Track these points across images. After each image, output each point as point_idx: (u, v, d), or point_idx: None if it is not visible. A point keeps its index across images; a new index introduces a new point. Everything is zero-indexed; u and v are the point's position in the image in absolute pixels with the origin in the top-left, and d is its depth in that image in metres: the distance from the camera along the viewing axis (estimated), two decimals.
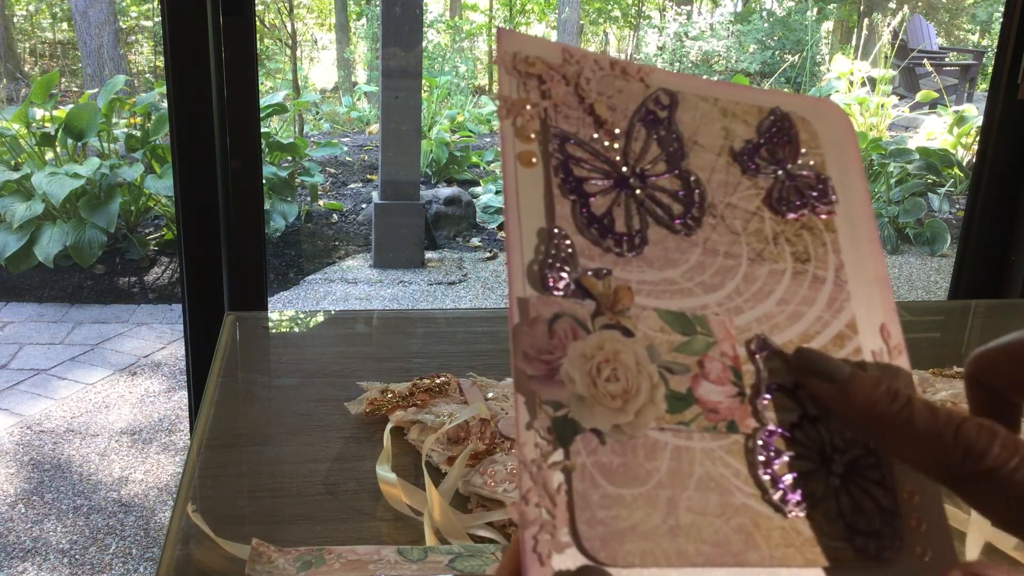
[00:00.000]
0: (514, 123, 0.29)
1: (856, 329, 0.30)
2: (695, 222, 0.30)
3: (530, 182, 0.29)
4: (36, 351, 3.32)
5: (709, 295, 0.29)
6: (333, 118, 7.39)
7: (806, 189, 0.32)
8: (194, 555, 0.62)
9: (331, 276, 4.24)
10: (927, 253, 4.63)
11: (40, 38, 9.65)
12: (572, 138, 0.30)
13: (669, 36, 10.93)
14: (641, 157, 0.30)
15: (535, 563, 0.24)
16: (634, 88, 0.31)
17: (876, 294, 0.31)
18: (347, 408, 0.81)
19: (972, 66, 8.50)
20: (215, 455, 0.74)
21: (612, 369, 0.27)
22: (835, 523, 0.27)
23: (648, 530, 0.26)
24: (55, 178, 3.75)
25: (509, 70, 0.30)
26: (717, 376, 0.28)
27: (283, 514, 0.67)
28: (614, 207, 0.29)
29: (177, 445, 2.68)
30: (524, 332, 0.26)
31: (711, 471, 0.27)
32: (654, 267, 0.29)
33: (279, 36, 8.49)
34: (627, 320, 0.28)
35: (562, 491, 0.25)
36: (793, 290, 0.30)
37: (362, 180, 5.56)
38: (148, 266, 4.05)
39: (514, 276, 0.27)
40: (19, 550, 2.15)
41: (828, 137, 0.33)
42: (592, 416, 0.26)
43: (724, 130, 0.32)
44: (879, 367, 0.30)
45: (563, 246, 0.28)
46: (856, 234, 0.32)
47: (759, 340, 0.29)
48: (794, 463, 0.28)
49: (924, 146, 5.27)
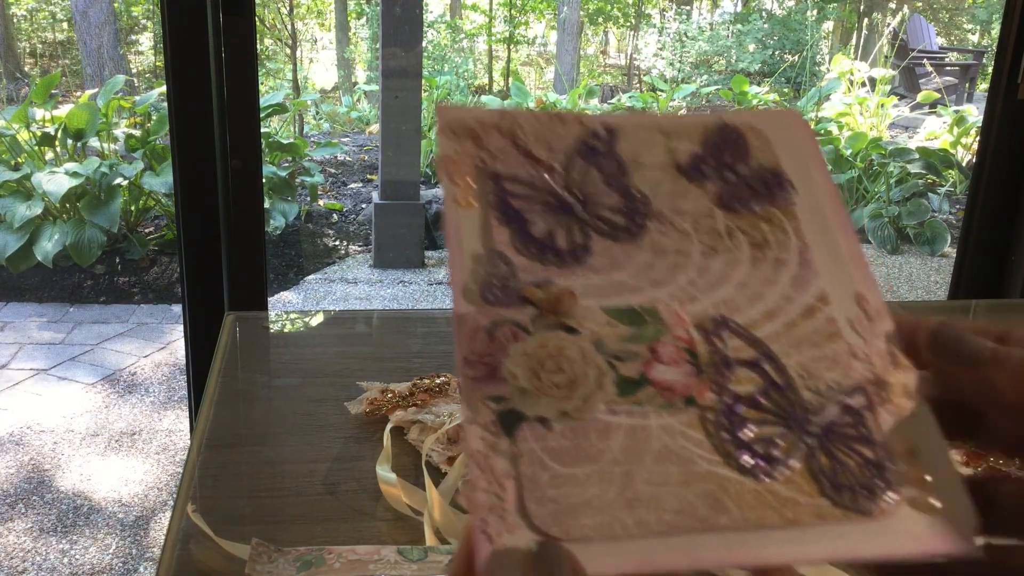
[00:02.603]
0: (450, 175, 0.31)
1: (827, 301, 0.31)
2: (639, 228, 0.32)
3: (468, 220, 0.31)
4: (36, 351, 3.31)
5: (659, 290, 0.31)
6: (333, 118, 7.38)
7: (759, 185, 0.33)
8: (194, 555, 0.62)
9: (331, 276, 4.24)
10: (927, 253, 4.63)
11: (40, 38, 9.65)
12: (508, 177, 0.32)
13: (669, 36, 10.93)
14: (581, 184, 0.33)
15: (484, 544, 0.25)
16: (572, 130, 0.34)
17: (849, 268, 0.32)
18: (347, 408, 0.81)
19: (972, 66, 8.49)
20: (215, 455, 0.74)
21: (556, 363, 0.28)
22: (815, 481, 0.27)
23: (603, 504, 0.26)
24: (55, 178, 3.75)
25: (447, 135, 0.32)
26: (670, 358, 0.29)
27: (283, 514, 0.67)
28: (556, 229, 0.31)
29: (177, 445, 2.68)
30: (464, 341, 0.28)
31: (670, 444, 0.27)
32: (600, 273, 0.31)
33: (279, 36, 8.49)
34: (570, 320, 0.29)
35: (510, 476, 0.26)
36: (753, 274, 0.31)
37: (362, 180, 5.56)
38: (148, 266, 4.05)
39: (456, 298, 0.29)
40: (19, 550, 2.15)
41: (782, 140, 0.35)
42: (536, 405, 0.27)
43: (667, 149, 0.34)
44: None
45: (500, 265, 0.30)
46: (821, 219, 0.33)
47: (717, 320, 0.30)
48: (761, 428, 0.28)
49: (924, 146, 5.27)
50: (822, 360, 0.30)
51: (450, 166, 0.32)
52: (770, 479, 0.27)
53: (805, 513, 0.27)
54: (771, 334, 0.30)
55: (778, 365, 0.30)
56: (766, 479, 0.27)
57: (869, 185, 5.02)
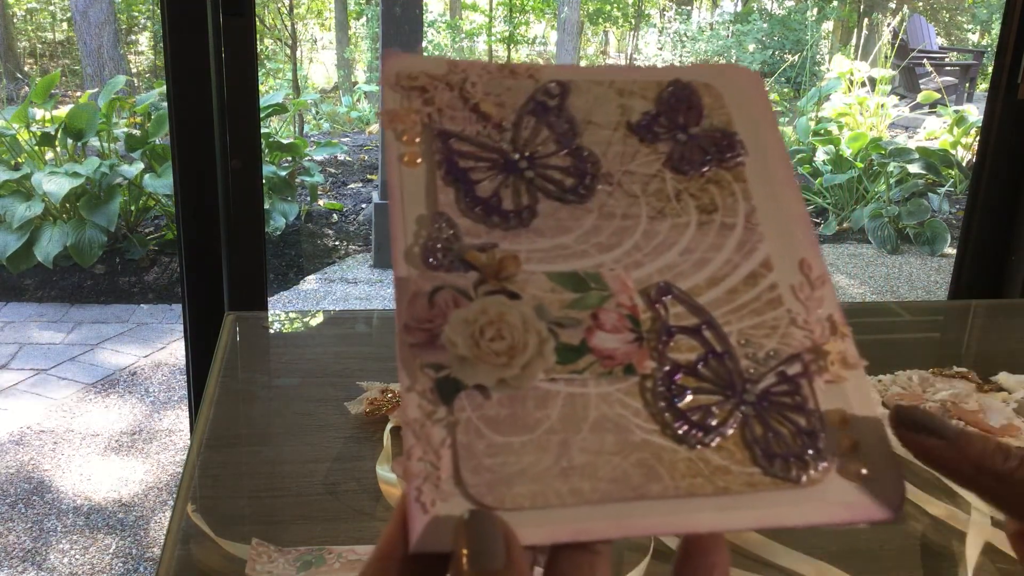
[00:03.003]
0: (395, 130, 0.31)
1: (771, 267, 0.31)
2: (588, 191, 0.32)
3: (412, 179, 0.30)
4: (36, 351, 3.31)
5: (605, 255, 0.30)
6: (333, 118, 7.38)
7: (709, 146, 0.33)
8: (194, 555, 0.62)
9: (331, 276, 4.24)
10: (927, 253, 4.63)
11: (40, 38, 9.65)
12: (455, 135, 0.32)
13: (669, 36, 10.93)
14: (530, 142, 0.32)
15: (418, 511, 0.25)
16: (523, 85, 0.33)
17: (795, 233, 0.32)
18: (347, 408, 0.81)
19: (972, 66, 8.49)
20: (215, 455, 0.74)
21: (496, 329, 0.28)
22: (748, 450, 0.27)
23: (538, 473, 0.26)
24: (55, 178, 3.75)
25: (392, 86, 0.32)
26: (613, 326, 0.29)
27: (283, 514, 0.67)
28: (501, 188, 0.31)
29: (177, 445, 2.68)
30: (404, 307, 0.28)
31: (607, 412, 0.27)
32: (545, 236, 0.30)
33: (279, 36, 8.49)
34: (513, 285, 0.29)
35: (446, 445, 0.26)
36: (698, 239, 0.31)
37: (362, 180, 5.56)
38: (148, 266, 4.05)
39: (396, 261, 0.29)
40: (19, 550, 2.15)
41: (734, 97, 0.34)
42: (475, 374, 0.27)
43: (620, 107, 0.34)
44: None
45: (443, 228, 0.30)
46: (770, 180, 0.33)
47: (660, 287, 0.30)
48: (698, 397, 0.28)
49: (924, 146, 5.27)
50: (762, 327, 0.30)
51: (395, 120, 0.31)
52: (704, 447, 0.27)
53: (736, 482, 0.27)
54: (713, 300, 0.30)
55: (719, 333, 0.29)
56: (700, 447, 0.27)
57: (869, 185, 5.02)
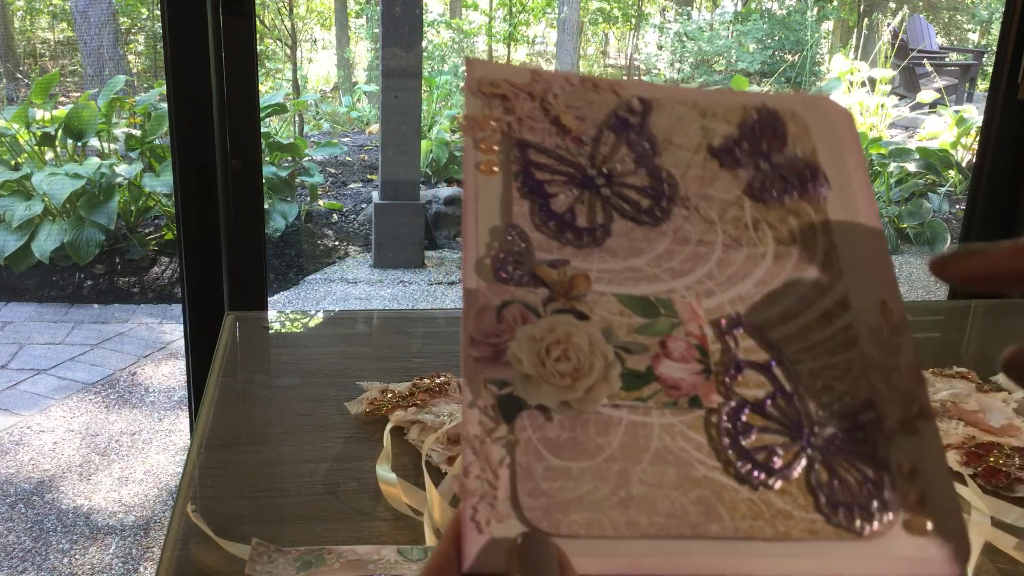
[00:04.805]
0: (475, 137, 0.30)
1: (847, 306, 0.30)
2: (664, 213, 0.31)
3: (489, 188, 0.30)
4: (36, 351, 3.31)
5: (677, 280, 0.30)
6: (333, 118, 7.38)
7: (792, 176, 0.32)
8: (194, 555, 0.62)
9: (331, 276, 4.23)
10: (927, 253, 4.64)
11: (40, 38, 9.65)
12: (534, 146, 0.31)
13: (669, 36, 10.93)
14: (609, 159, 0.32)
15: (473, 531, 0.25)
16: (606, 99, 0.33)
17: (875, 273, 0.31)
18: (347, 408, 0.81)
19: (972, 66, 8.49)
20: (215, 455, 0.74)
21: (563, 349, 0.27)
22: (811, 496, 0.27)
23: (595, 501, 0.26)
24: (55, 178, 3.75)
25: (475, 92, 0.31)
26: (680, 355, 0.28)
27: (283, 514, 0.67)
28: (576, 204, 0.30)
29: (177, 445, 2.68)
30: (472, 319, 0.27)
31: (669, 445, 0.27)
32: (617, 257, 0.30)
33: (279, 36, 8.48)
34: (582, 305, 0.28)
35: (505, 464, 0.26)
36: (774, 272, 0.30)
37: (362, 180, 5.56)
38: (148, 266, 4.05)
39: (466, 271, 0.28)
40: (19, 550, 2.15)
41: (822, 129, 0.33)
42: (539, 393, 0.27)
43: (703, 129, 0.33)
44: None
45: (516, 240, 0.29)
46: (852, 216, 0.32)
47: (732, 318, 0.29)
48: (764, 436, 0.27)
49: (924, 146, 5.27)
50: (834, 369, 0.29)
51: (475, 128, 0.31)
52: (767, 489, 0.27)
53: (797, 528, 0.26)
54: (785, 337, 0.29)
55: (789, 371, 0.29)
56: (762, 489, 0.27)
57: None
